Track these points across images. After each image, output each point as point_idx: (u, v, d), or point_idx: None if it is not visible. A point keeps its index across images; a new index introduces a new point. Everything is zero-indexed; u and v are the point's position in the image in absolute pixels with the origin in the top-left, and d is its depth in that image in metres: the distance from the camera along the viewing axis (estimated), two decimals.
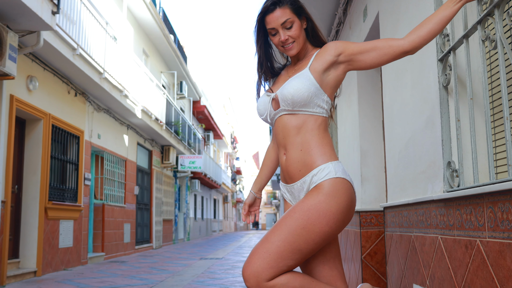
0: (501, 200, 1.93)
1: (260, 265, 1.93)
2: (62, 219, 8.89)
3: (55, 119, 8.69)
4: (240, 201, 58.36)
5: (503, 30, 2.01)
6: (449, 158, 2.58)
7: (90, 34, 9.28)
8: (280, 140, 2.17)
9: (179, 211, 21.42)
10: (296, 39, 2.16)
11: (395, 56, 2.04)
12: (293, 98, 2.06)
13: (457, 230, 2.41)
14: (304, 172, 2.09)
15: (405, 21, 3.33)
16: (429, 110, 2.85)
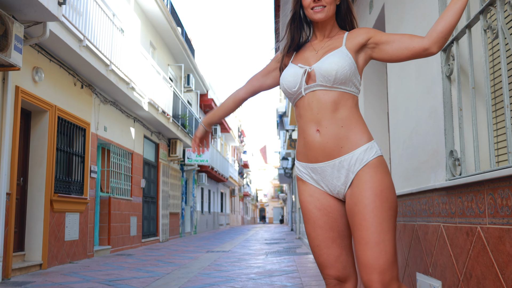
0: (501, 187, 1.93)
1: (390, 268, 1.93)
2: (68, 212, 8.93)
3: (61, 111, 8.73)
4: (248, 194, 58.47)
5: (504, 20, 2.01)
6: (452, 147, 2.58)
7: (97, 25, 9.30)
8: (313, 115, 2.08)
9: (186, 204, 21.49)
10: (327, 4, 2.13)
11: (414, 52, 2.02)
12: (337, 74, 2.03)
13: (458, 217, 2.42)
14: (348, 149, 2.04)
15: (410, 13, 3.33)
16: (433, 100, 2.85)
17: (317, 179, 2.14)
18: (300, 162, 2.19)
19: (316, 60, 2.13)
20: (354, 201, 2.02)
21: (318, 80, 2.07)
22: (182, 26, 20.33)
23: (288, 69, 2.19)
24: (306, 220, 2.17)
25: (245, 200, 59.16)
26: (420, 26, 3.07)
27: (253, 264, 8.50)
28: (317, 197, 2.15)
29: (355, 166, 2.04)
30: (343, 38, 2.17)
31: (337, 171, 2.07)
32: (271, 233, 25.43)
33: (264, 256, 10.12)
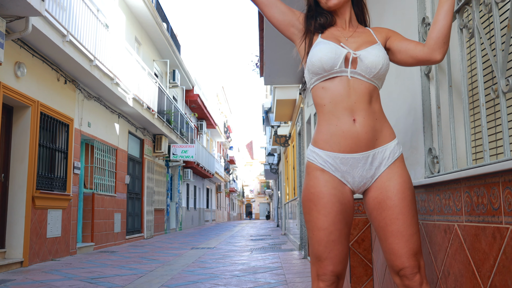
0: (477, 185, 1.94)
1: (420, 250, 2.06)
2: (50, 209, 8.86)
3: (44, 106, 8.65)
4: (234, 190, 58.44)
5: (479, 19, 2.02)
6: (430, 145, 2.59)
7: (81, 20, 9.22)
8: (349, 103, 2.04)
9: (171, 200, 21.42)
10: None
11: (419, 60, 2.08)
12: (381, 68, 2.05)
13: (436, 215, 2.42)
14: (381, 142, 2.07)
15: (389, 10, 3.34)
16: (412, 97, 2.85)
17: (344, 171, 2.08)
18: (324, 151, 2.08)
19: (354, 46, 2.09)
20: (386, 195, 2.05)
21: (359, 68, 2.04)
22: (168, 22, 20.24)
23: (324, 44, 2.10)
24: (326, 214, 2.05)
25: (231, 196, 59.14)
26: (400, 24, 3.07)
27: (237, 261, 8.50)
28: (340, 190, 2.09)
29: (388, 159, 2.07)
30: (372, 33, 2.17)
31: (370, 163, 2.07)
32: (257, 229, 25.46)
33: (249, 253, 10.13)
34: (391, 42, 2.16)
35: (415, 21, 2.73)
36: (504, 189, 1.73)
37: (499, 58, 1.83)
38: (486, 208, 1.87)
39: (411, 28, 2.83)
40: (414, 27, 2.75)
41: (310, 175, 2.12)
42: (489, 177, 1.84)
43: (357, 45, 2.10)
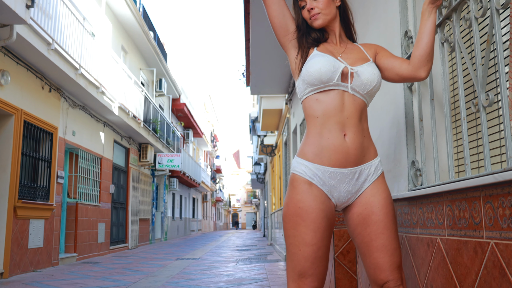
0: (458, 199, 1.93)
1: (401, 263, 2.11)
2: (33, 218, 8.75)
3: (28, 115, 8.57)
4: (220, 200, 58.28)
5: (460, 34, 2.04)
6: (413, 158, 2.59)
7: (67, 29, 9.17)
8: (342, 118, 2.05)
9: (156, 210, 21.30)
10: (322, 10, 2.15)
11: (404, 78, 2.14)
12: (375, 86, 2.10)
13: (419, 228, 2.42)
14: (367, 159, 2.10)
15: (373, 23, 3.35)
16: (395, 110, 2.86)
17: (332, 185, 2.07)
18: (314, 164, 2.06)
19: (348, 63, 2.11)
20: (370, 210, 2.07)
21: (354, 83, 2.06)
22: (155, 30, 20.22)
23: (322, 56, 2.11)
24: (315, 229, 2.02)
25: (217, 205, 58.95)
26: (383, 36, 3.08)
27: (222, 272, 8.45)
28: (327, 204, 2.07)
29: (372, 176, 2.10)
30: (363, 50, 2.21)
31: (356, 179, 2.08)
32: (243, 239, 25.38)
33: (234, 264, 10.08)
34: (379, 59, 2.19)
35: (398, 34, 2.74)
36: (485, 204, 1.72)
37: (479, 72, 1.84)
38: (467, 222, 1.87)
39: (393, 41, 2.84)
40: (397, 39, 2.76)
41: (297, 189, 2.08)
42: (470, 191, 1.83)
43: (351, 61, 2.13)
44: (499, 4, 1.70)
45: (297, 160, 2.12)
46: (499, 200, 1.63)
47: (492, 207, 1.68)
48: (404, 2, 2.68)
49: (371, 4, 3.41)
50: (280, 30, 2.22)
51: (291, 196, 2.09)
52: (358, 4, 3.89)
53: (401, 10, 2.68)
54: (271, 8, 2.21)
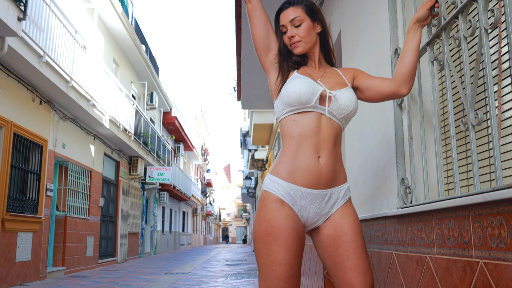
0: (448, 217, 1.93)
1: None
2: (21, 231, 8.66)
3: (18, 127, 8.52)
4: (210, 214, 58.07)
5: (449, 52, 2.06)
6: (403, 175, 2.59)
7: (58, 41, 9.16)
8: (317, 140, 2.07)
9: (146, 224, 21.17)
10: (302, 38, 2.17)
11: (386, 95, 2.18)
12: (352, 111, 2.13)
13: (409, 246, 2.41)
14: (338, 183, 2.13)
15: (364, 40, 3.37)
16: (385, 127, 2.86)
17: (302, 205, 2.07)
18: (287, 183, 2.06)
19: (327, 87, 2.14)
20: (341, 231, 2.09)
21: (331, 107, 2.09)
22: (147, 44, 20.25)
23: (301, 78, 2.12)
24: (287, 248, 2.01)
25: (207, 219, 58.72)
26: (373, 53, 3.10)
27: (212, 287, 8.39)
28: (299, 224, 2.07)
29: (342, 199, 2.13)
30: (341, 75, 2.24)
31: (326, 202, 2.10)
32: (233, 253, 25.26)
33: (224, 279, 10.01)
34: (358, 81, 2.23)
35: (388, 52, 2.76)
36: (474, 223, 1.72)
37: (468, 91, 1.85)
38: (457, 241, 1.86)
39: (383, 58, 2.86)
40: (387, 57, 2.78)
41: (269, 207, 2.07)
42: (460, 210, 1.84)
43: (330, 85, 2.16)
44: (487, 24, 1.72)
45: (270, 178, 2.12)
46: (488, 219, 1.63)
47: (481, 226, 1.68)
48: (394, 20, 2.70)
49: (362, 21, 3.43)
50: (263, 50, 2.25)
51: (263, 215, 2.07)
52: (348, 20, 3.92)
53: (391, 28, 2.70)
54: (257, 28, 2.23)
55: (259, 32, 2.23)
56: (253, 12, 2.23)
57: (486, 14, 1.74)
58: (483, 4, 1.74)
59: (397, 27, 2.68)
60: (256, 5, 2.23)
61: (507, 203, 1.53)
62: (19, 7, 7.01)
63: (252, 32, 2.24)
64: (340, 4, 4.27)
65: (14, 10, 6.88)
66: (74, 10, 11.90)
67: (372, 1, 3.13)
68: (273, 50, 2.24)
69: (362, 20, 3.41)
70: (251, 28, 2.25)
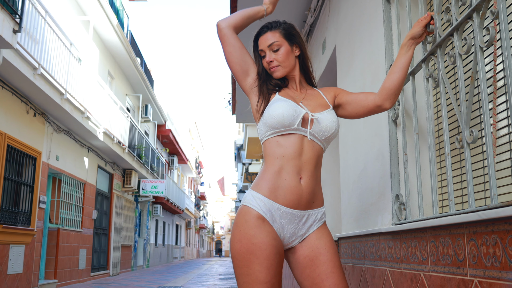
0: (442, 235, 1.93)
1: None
2: (13, 244, 8.59)
3: (11, 139, 8.49)
4: (204, 227, 57.85)
5: (444, 69, 2.06)
6: (397, 191, 2.59)
7: (53, 53, 9.15)
8: (299, 161, 2.07)
9: (139, 236, 21.06)
10: (281, 63, 2.18)
11: (370, 109, 2.18)
12: (333, 133, 2.14)
13: (403, 263, 2.40)
14: (316, 205, 2.14)
15: (359, 55, 3.38)
16: (380, 143, 2.87)
17: (281, 224, 2.06)
18: (269, 200, 2.05)
19: (309, 108, 2.15)
20: (317, 251, 2.09)
21: (313, 129, 2.10)
22: (142, 57, 20.27)
23: (284, 101, 2.12)
24: (269, 266, 1.98)
25: (201, 232, 58.48)
26: (368, 69, 3.11)
27: None
28: (278, 241, 2.05)
29: (318, 222, 2.14)
30: (323, 96, 2.24)
31: (303, 223, 2.10)
32: (226, 267, 25.13)
33: None
34: (339, 98, 2.25)
35: (383, 68, 2.77)
36: (469, 241, 1.72)
37: (463, 108, 1.85)
38: (451, 259, 1.86)
39: (378, 74, 2.86)
40: (382, 73, 2.79)
41: (250, 223, 2.03)
42: (454, 228, 1.83)
43: (312, 107, 2.17)
44: (483, 42, 1.73)
45: (252, 193, 2.09)
46: (483, 238, 1.62)
47: (476, 244, 1.67)
48: (389, 37, 2.72)
49: (357, 37, 3.45)
50: (241, 75, 2.24)
51: (243, 231, 2.03)
52: (344, 36, 3.94)
53: (386, 44, 2.71)
54: (232, 54, 2.21)
55: (234, 59, 2.21)
56: (226, 39, 2.20)
57: (481, 32, 1.75)
58: (479, 22, 1.75)
59: (392, 43, 2.70)
60: (229, 33, 2.20)
61: (502, 222, 1.52)
62: (14, 19, 7.01)
63: (227, 58, 2.22)
64: (336, 19, 4.29)
65: (9, 22, 6.88)
66: (69, 22, 11.91)
67: (368, 18, 3.15)
68: (252, 73, 2.23)
69: (358, 36, 3.42)
70: (226, 55, 2.22)
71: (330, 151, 5.36)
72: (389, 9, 2.74)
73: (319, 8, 5.03)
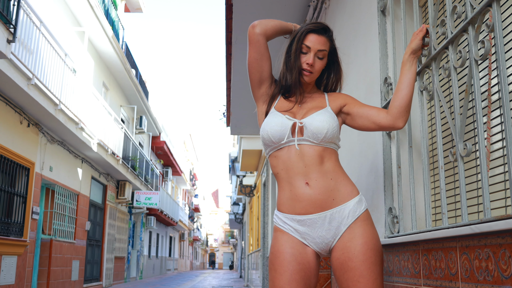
0: (435, 248, 1.92)
1: None
2: (5, 255, 8.53)
3: (4, 149, 8.45)
4: (197, 239, 57.62)
5: (439, 82, 2.06)
6: (391, 204, 2.58)
7: (48, 64, 9.15)
8: (300, 168, 2.07)
9: (132, 248, 20.94)
10: (315, 72, 2.17)
11: (381, 127, 2.12)
12: (327, 133, 2.06)
13: (396, 276, 2.39)
14: (340, 201, 2.05)
15: (353, 68, 3.38)
16: (373, 156, 2.86)
17: (303, 232, 2.06)
18: (284, 214, 2.11)
19: (302, 114, 2.15)
20: (348, 256, 2.01)
21: (306, 135, 2.08)
22: (137, 68, 20.28)
23: (273, 117, 2.14)
24: (282, 272, 2.03)
25: (194, 244, 58.23)
26: (363, 81, 3.11)
27: None
28: (299, 250, 2.06)
29: (347, 218, 2.04)
30: (325, 98, 2.22)
31: (328, 223, 2.04)
32: (220, 279, 25.01)
33: None
34: (350, 108, 2.19)
35: (378, 80, 2.77)
36: (461, 255, 1.71)
37: (457, 122, 1.85)
38: (443, 272, 1.85)
39: (373, 86, 2.87)
40: (377, 85, 2.79)
41: (273, 237, 2.16)
42: (447, 241, 1.82)
43: (306, 111, 2.17)
44: (478, 55, 1.73)
45: (275, 213, 2.19)
46: (476, 251, 1.62)
47: (468, 258, 1.66)
48: (384, 49, 2.72)
49: (352, 49, 3.46)
50: (257, 83, 2.26)
51: (271, 245, 2.16)
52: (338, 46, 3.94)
53: (381, 56, 2.71)
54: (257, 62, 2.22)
55: (258, 67, 2.22)
56: (257, 45, 2.19)
57: (476, 45, 1.75)
58: (474, 35, 1.75)
59: (387, 56, 2.70)
60: (262, 40, 2.19)
61: (494, 236, 1.51)
62: (8, 29, 7.01)
63: (250, 63, 2.22)
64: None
65: (4, 32, 6.88)
66: (64, 33, 11.92)
67: (363, 30, 3.16)
68: (266, 82, 2.25)
69: (353, 48, 3.43)
70: (250, 59, 2.22)
71: None
72: (384, 22, 2.75)
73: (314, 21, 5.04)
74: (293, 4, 5.03)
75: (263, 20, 2.23)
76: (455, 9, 1.88)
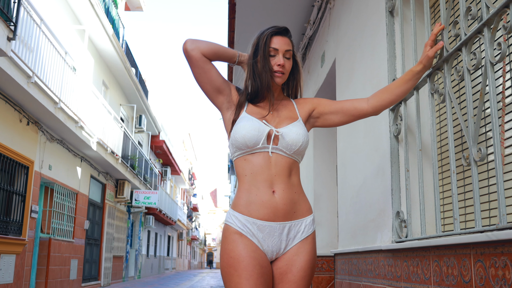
0: (447, 255, 1.87)
1: None
2: (3, 253, 8.48)
3: (3, 147, 8.39)
4: (196, 238, 57.57)
5: (451, 85, 2.01)
6: (398, 208, 2.54)
7: (48, 62, 9.09)
8: (269, 176, 2.06)
9: (131, 247, 20.89)
10: (286, 72, 2.16)
11: (358, 117, 2.17)
12: (301, 146, 2.09)
13: (404, 282, 2.35)
14: (299, 215, 2.09)
15: (359, 69, 3.34)
16: (380, 158, 2.82)
17: (261, 237, 2.06)
18: (244, 216, 2.07)
19: (276, 122, 2.13)
20: (290, 268, 2.04)
21: (281, 145, 2.08)
22: (137, 67, 20.22)
23: (248, 120, 2.11)
24: (248, 277, 2.00)
25: (192, 244, 58.16)
26: (370, 83, 3.07)
27: None
28: (260, 254, 2.05)
29: (302, 233, 2.08)
30: (295, 108, 2.21)
31: (286, 234, 2.06)
32: (217, 279, 24.96)
33: None
34: (320, 110, 2.23)
35: (385, 82, 2.73)
36: (476, 262, 1.67)
37: (470, 125, 1.80)
38: (456, 279, 1.80)
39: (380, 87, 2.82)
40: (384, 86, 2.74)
41: (228, 239, 2.09)
42: (460, 248, 1.78)
43: (279, 120, 2.15)
44: (493, 57, 1.68)
45: (230, 212, 2.15)
46: (492, 259, 1.57)
47: (483, 266, 1.62)
48: (392, 51, 2.68)
49: (358, 50, 3.41)
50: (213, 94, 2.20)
51: (224, 247, 2.10)
52: (344, 49, 3.90)
53: (389, 58, 2.67)
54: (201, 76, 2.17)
55: (204, 79, 2.18)
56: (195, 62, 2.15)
57: (492, 47, 1.70)
58: (489, 37, 1.71)
59: (395, 57, 2.66)
60: (198, 56, 2.14)
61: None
62: (9, 27, 6.96)
63: (196, 79, 2.19)
64: (336, 32, 4.26)
65: (4, 30, 6.83)
66: (64, 31, 11.86)
67: (370, 31, 3.11)
68: (221, 89, 2.19)
69: (359, 49, 3.39)
70: (194, 76, 2.19)
71: (327, 164, 5.31)
72: (393, 22, 2.71)
73: (319, 21, 5.00)
74: (297, 4, 4.99)
75: (199, 40, 2.19)
76: (469, 10, 1.84)
